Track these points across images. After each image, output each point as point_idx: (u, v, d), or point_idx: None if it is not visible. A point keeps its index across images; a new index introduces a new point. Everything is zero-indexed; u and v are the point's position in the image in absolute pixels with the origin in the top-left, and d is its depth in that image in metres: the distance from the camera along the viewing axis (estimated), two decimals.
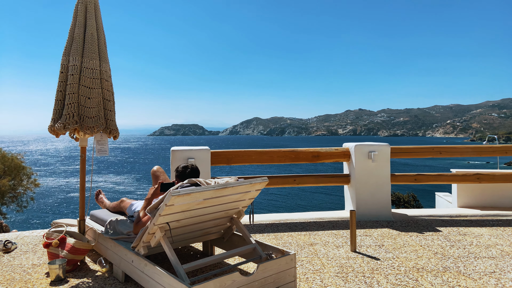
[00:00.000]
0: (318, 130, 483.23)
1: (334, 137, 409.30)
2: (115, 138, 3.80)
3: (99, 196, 4.13)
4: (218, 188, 2.58)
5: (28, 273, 3.08)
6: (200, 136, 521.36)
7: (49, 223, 22.89)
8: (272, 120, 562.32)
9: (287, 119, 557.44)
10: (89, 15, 3.62)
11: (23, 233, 4.37)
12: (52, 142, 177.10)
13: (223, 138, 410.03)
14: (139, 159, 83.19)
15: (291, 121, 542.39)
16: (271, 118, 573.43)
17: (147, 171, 58.15)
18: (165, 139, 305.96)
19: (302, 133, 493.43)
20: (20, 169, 14.86)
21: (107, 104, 3.66)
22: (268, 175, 4.66)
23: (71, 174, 53.18)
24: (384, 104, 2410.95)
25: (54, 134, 3.51)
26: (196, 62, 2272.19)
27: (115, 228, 3.23)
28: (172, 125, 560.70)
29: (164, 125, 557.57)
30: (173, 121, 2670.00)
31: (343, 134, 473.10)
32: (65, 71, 3.51)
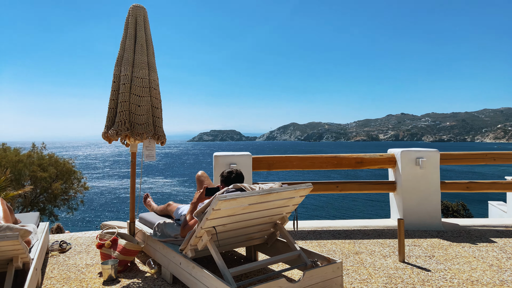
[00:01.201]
0: (358, 136, 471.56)
1: (374, 143, 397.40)
2: (162, 144, 3.94)
3: (147, 200, 4.29)
4: (263, 194, 2.60)
5: (82, 273, 3.26)
6: (237, 141, 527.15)
7: (97, 225, 24.09)
8: (309, 126, 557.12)
9: (325, 124, 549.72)
10: (139, 27, 3.79)
11: (76, 234, 4.63)
12: (100, 148, 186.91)
13: (260, 143, 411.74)
14: (181, 163, 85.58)
15: (329, 126, 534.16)
16: (309, 124, 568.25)
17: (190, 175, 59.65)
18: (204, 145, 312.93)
19: (341, 138, 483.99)
20: (71, 173, 15.81)
21: (156, 111, 3.81)
22: (310, 181, 4.61)
23: (117, 178, 55.75)
24: (429, 108, 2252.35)
25: (107, 140, 3.69)
26: (233, 68, 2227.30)
27: (163, 231, 3.34)
28: (210, 131, 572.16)
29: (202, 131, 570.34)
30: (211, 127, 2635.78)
31: (384, 139, 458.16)
32: (117, 81, 3.69)
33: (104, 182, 50.50)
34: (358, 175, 54.71)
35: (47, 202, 14.72)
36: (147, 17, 3.92)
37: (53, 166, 15.24)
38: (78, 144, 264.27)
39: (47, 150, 16.52)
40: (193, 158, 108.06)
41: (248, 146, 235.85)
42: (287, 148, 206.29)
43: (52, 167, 15.07)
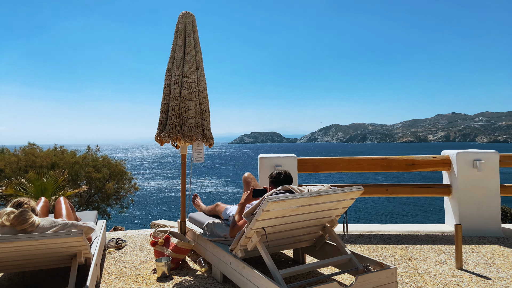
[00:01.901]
0: (405, 137, 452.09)
1: (423, 144, 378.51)
2: (210, 146, 4.04)
3: (196, 200, 4.42)
4: (312, 196, 2.58)
5: (137, 269, 3.42)
6: (278, 143, 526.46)
7: (145, 223, 25.15)
8: (352, 127, 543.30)
9: (369, 125, 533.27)
10: (188, 33, 3.92)
11: (130, 232, 4.87)
12: (147, 150, 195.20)
13: (301, 145, 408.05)
14: (225, 165, 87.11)
15: (373, 127, 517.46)
16: (351, 125, 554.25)
17: (233, 176, 60.54)
18: (245, 147, 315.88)
19: (386, 139, 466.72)
20: (122, 174, 16.63)
21: (204, 114, 3.92)
22: (358, 184, 4.50)
23: (164, 179, 57.92)
24: (482, 106, 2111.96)
25: (159, 142, 3.85)
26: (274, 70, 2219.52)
27: (212, 231, 3.42)
28: (251, 133, 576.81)
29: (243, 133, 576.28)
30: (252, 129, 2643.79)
31: (434, 140, 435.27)
32: (168, 86, 3.84)
33: (152, 182, 52.71)
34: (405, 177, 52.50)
35: (101, 201, 15.61)
36: (195, 23, 4.04)
37: (106, 167, 16.14)
38: (128, 147, 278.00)
39: (100, 152, 17.52)
40: (236, 160, 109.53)
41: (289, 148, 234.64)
42: (329, 149, 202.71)
43: (105, 168, 15.97)
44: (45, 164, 14.65)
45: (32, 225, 2.39)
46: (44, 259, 2.61)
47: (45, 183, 9.15)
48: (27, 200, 2.64)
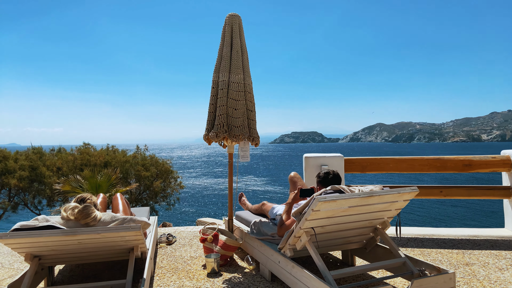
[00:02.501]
0: (456, 136, 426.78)
1: (476, 144, 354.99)
2: (256, 145, 4.07)
3: (242, 199, 4.48)
4: (364, 196, 2.52)
5: (188, 264, 3.53)
6: (319, 143, 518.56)
7: (192, 221, 25.90)
8: (398, 126, 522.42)
9: (416, 124, 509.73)
10: (234, 34, 3.98)
11: (179, 228, 5.04)
12: (191, 150, 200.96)
13: (343, 145, 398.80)
14: (267, 164, 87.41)
15: (421, 126, 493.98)
16: (397, 124, 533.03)
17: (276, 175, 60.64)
18: (285, 147, 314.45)
19: (435, 139, 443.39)
20: (168, 173, 17.27)
21: (250, 114, 3.96)
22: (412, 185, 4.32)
23: (208, 177, 59.35)
24: None
25: (207, 142, 3.95)
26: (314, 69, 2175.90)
27: (259, 229, 3.45)
28: (291, 133, 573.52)
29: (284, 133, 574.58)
30: (292, 128, 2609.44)
31: (488, 140, 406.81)
32: (215, 86, 3.93)
33: (197, 181, 54.23)
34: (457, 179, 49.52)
35: (149, 198, 16.32)
36: (242, 24, 4.09)
37: (154, 166, 16.84)
38: (173, 146, 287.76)
39: (148, 152, 18.31)
40: (277, 160, 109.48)
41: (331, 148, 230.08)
42: (373, 150, 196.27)
43: (153, 167, 16.67)
44: (99, 162, 15.56)
45: (95, 219, 2.56)
46: (104, 252, 2.77)
47: (99, 181, 9.72)
48: (90, 196, 2.82)
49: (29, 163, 15.47)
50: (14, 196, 15.69)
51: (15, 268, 3.56)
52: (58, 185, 10.17)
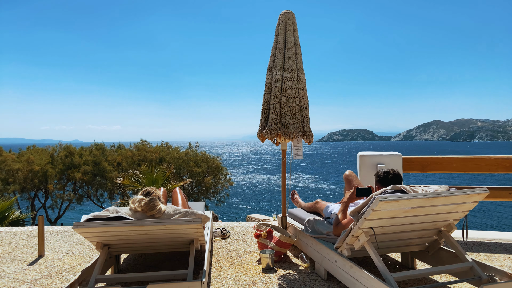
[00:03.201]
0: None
1: None
2: (309, 142, 4.04)
3: (294, 196, 4.47)
4: (429, 197, 2.41)
5: (243, 258, 3.61)
6: (369, 141, 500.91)
7: (241, 217, 26.35)
8: (457, 123, 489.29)
9: (478, 121, 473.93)
10: (288, 32, 3.97)
11: (232, 224, 5.16)
12: (238, 147, 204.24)
13: (396, 143, 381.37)
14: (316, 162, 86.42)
15: (482, 123, 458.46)
16: (456, 121, 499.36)
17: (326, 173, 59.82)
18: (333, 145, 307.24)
19: (499, 137, 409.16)
20: (219, 169, 17.72)
21: (304, 111, 3.93)
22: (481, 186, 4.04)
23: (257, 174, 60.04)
24: None
25: (261, 139, 3.99)
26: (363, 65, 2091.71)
27: (313, 227, 3.42)
28: (340, 131, 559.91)
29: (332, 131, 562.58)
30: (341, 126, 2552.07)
31: None
32: (269, 84, 3.95)
33: (246, 177, 55.08)
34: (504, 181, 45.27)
35: (200, 194, 16.88)
36: (295, 21, 4.07)
37: (205, 162, 17.37)
38: (221, 144, 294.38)
39: (200, 149, 18.91)
40: (326, 158, 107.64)
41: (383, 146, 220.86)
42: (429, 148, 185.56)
43: (204, 164, 17.20)
44: (154, 158, 16.36)
45: (159, 211, 2.70)
46: (166, 242, 2.92)
47: (155, 176, 10.23)
48: (154, 190, 2.98)
49: (92, 158, 16.67)
50: (78, 189, 17.01)
51: (84, 255, 3.86)
52: (119, 179, 10.86)
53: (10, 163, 15.49)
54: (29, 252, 3.96)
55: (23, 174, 15.21)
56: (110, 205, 16.55)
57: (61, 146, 17.68)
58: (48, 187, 15.81)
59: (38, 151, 17.34)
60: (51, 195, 16.40)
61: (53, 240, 4.43)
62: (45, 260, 3.68)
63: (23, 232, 4.90)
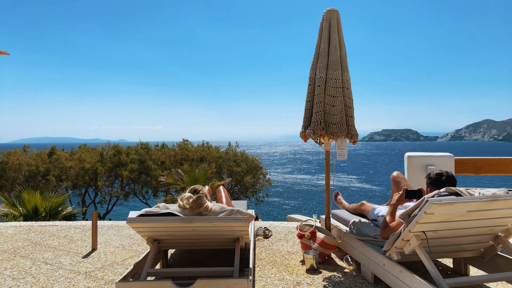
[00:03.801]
0: None
1: None
2: (354, 143, 3.96)
3: (338, 197, 4.40)
4: (487, 200, 2.27)
5: (286, 258, 3.60)
6: (413, 142, 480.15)
7: (279, 216, 26.36)
8: (510, 123, 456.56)
9: None
10: (332, 30, 3.91)
11: (274, 223, 5.17)
12: (277, 147, 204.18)
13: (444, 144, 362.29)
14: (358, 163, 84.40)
15: None
16: (509, 120, 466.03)
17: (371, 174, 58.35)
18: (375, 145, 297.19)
19: None
20: (258, 169, 17.86)
21: (348, 110, 3.86)
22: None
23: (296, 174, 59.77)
24: None
25: (303, 139, 3.97)
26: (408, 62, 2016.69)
27: (359, 229, 3.35)
28: (382, 130, 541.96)
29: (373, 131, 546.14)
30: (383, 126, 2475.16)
31: None
32: (312, 83, 3.92)
33: (285, 177, 54.98)
34: None
35: (240, 193, 17.10)
36: (340, 19, 4.00)
37: (244, 162, 17.57)
38: (259, 144, 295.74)
39: (239, 148, 19.16)
40: (367, 158, 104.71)
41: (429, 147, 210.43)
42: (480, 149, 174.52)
43: (243, 163, 17.40)
44: (196, 157, 16.79)
45: (206, 209, 2.77)
46: (212, 239, 2.99)
47: (197, 174, 10.49)
48: (201, 188, 3.06)
49: (138, 157, 17.42)
50: (125, 186, 17.85)
51: (134, 250, 4.04)
52: (163, 177, 11.24)
53: (63, 161, 16.57)
54: (83, 245, 4.21)
55: (75, 171, 16.21)
56: (155, 202, 17.20)
57: (110, 145, 18.64)
58: (98, 184, 16.73)
59: (89, 149, 18.41)
60: (100, 191, 17.35)
61: (104, 234, 4.68)
62: (98, 253, 3.90)
63: (77, 226, 5.22)
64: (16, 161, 16.26)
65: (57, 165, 16.49)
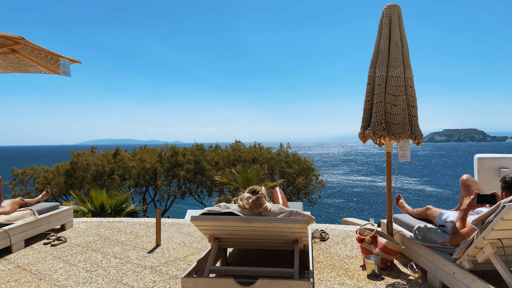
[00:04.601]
0: None
1: None
2: (418, 144, 3.76)
3: (400, 201, 4.20)
4: None
5: (345, 263, 3.52)
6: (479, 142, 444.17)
7: (332, 219, 25.84)
8: None
9: None
10: (393, 26, 3.75)
11: (330, 226, 5.07)
12: (328, 148, 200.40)
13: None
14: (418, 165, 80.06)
15: None
16: None
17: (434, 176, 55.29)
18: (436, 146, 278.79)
19: None
20: (310, 170, 17.64)
21: (412, 110, 3.68)
22: None
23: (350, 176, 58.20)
24: None
25: (362, 140, 3.85)
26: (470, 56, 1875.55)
27: (425, 235, 3.17)
28: (443, 130, 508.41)
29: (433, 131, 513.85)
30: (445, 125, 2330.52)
31: None
32: (371, 82, 3.79)
33: (338, 179, 53.79)
34: None
35: (292, 194, 17.01)
36: (401, 14, 3.84)
37: (296, 163, 17.46)
38: (310, 145, 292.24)
39: (291, 149, 19.08)
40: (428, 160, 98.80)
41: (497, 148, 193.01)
42: None
43: (295, 164, 17.30)
44: (248, 158, 17.02)
45: (266, 209, 2.80)
46: (271, 240, 3.01)
47: (249, 175, 10.64)
48: (259, 188, 3.10)
49: (194, 158, 18.07)
50: (182, 185, 18.60)
51: (194, 247, 4.19)
52: (217, 177, 11.53)
53: (126, 161, 17.69)
54: (147, 241, 4.46)
55: (136, 171, 17.22)
56: (209, 201, 17.74)
57: (167, 146, 19.56)
58: (157, 183, 17.62)
59: (149, 150, 19.47)
60: (159, 190, 18.26)
61: (166, 231, 4.91)
62: (162, 249, 4.10)
63: (142, 222, 5.53)
64: (84, 161, 17.67)
65: (121, 165, 17.65)
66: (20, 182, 18.45)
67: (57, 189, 16.84)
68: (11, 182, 18.39)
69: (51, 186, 16.81)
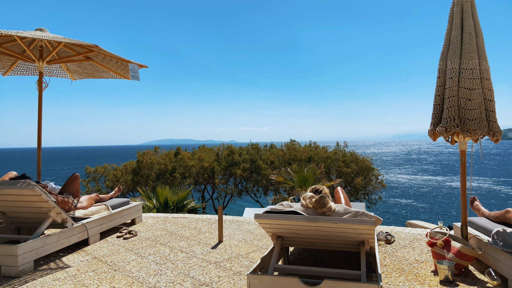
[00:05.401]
0: None
1: None
2: (497, 141, 3.46)
3: (475, 203, 3.90)
4: None
5: (414, 267, 3.33)
6: None
7: (394, 221, 24.69)
8: None
9: None
10: (466, 15, 3.49)
11: (396, 228, 4.84)
12: (387, 146, 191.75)
13: None
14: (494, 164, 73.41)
15: None
16: None
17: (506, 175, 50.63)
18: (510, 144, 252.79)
19: None
20: (369, 170, 17.00)
21: (489, 104, 3.40)
22: None
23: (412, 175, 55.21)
24: None
25: (432, 137, 3.63)
26: None
27: (505, 240, 2.91)
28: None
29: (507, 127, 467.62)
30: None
31: None
32: (442, 76, 3.55)
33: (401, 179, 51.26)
34: None
35: (350, 195, 16.54)
36: (474, 2, 3.56)
37: (354, 162, 16.93)
38: (367, 144, 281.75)
39: (348, 148, 18.56)
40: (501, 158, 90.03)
41: None
42: None
43: (353, 164, 16.79)
44: (303, 157, 16.87)
45: (330, 209, 2.75)
46: (335, 241, 2.94)
47: (305, 174, 10.53)
48: (323, 187, 3.05)
49: (249, 157, 18.34)
50: (238, 183, 18.97)
51: (255, 244, 4.24)
52: (273, 176, 11.56)
53: (186, 160, 18.46)
54: (210, 237, 4.60)
55: (196, 169, 17.90)
56: (265, 200, 17.89)
57: (224, 146, 20.08)
58: (215, 181, 18.17)
59: (207, 150, 20.15)
60: (217, 188, 18.81)
61: (227, 228, 5.03)
62: (224, 245, 4.21)
63: (204, 219, 5.73)
64: (149, 160, 18.77)
65: (182, 163, 18.46)
66: (92, 180, 20.13)
67: (125, 186, 18.09)
68: (84, 180, 20.15)
69: (119, 183, 18.12)
